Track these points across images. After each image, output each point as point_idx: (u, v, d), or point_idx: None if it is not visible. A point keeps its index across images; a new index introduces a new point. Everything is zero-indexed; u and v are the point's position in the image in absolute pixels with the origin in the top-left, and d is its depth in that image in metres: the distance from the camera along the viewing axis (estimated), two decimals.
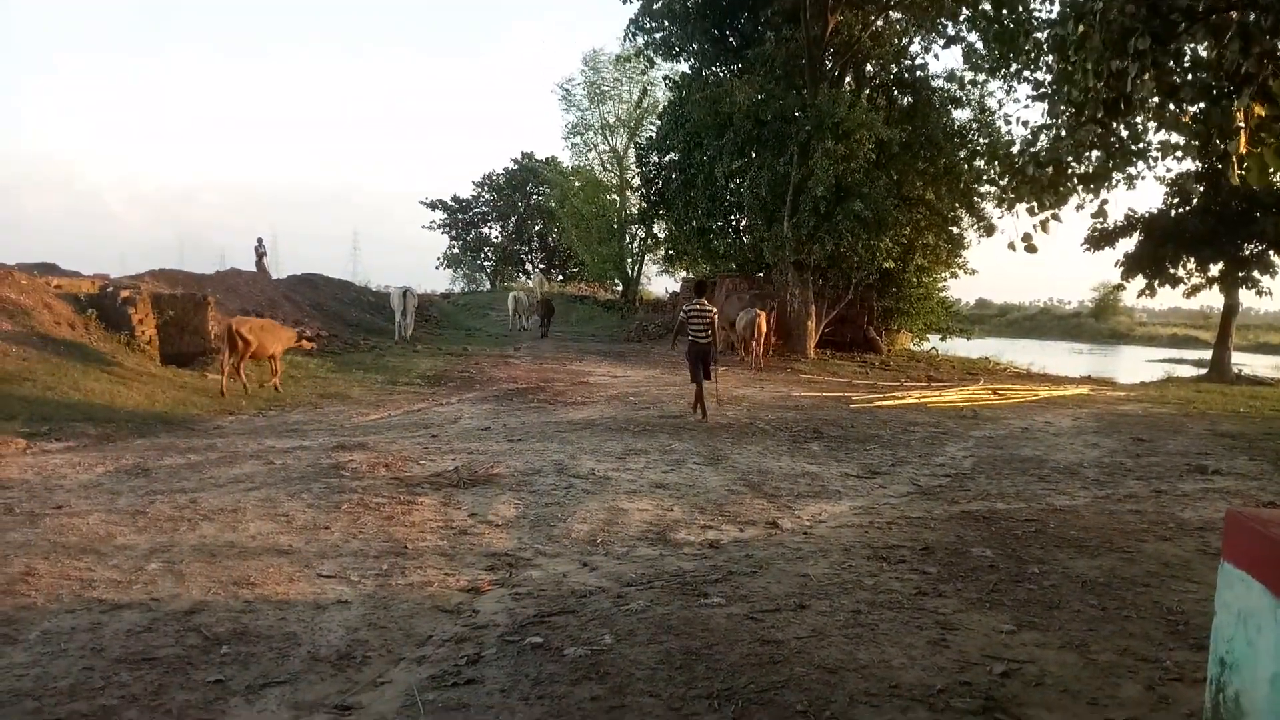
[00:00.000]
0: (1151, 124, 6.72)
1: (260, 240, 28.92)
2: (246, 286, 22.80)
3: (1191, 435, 11.47)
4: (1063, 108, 6.49)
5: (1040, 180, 6.33)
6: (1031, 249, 6.77)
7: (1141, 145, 6.42)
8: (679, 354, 13.54)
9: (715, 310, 12.61)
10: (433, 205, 55.71)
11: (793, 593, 4.86)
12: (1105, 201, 6.66)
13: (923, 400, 14.90)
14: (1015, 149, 7.06)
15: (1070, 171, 6.46)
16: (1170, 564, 5.58)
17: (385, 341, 22.43)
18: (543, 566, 5.34)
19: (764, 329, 19.86)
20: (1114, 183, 6.56)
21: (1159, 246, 23.23)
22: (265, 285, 24.43)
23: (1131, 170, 6.23)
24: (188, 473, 7.63)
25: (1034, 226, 6.67)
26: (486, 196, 55.58)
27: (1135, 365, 35.26)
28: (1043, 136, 6.80)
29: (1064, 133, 6.52)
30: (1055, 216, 6.60)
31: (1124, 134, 6.71)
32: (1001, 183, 6.94)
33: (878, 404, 14.23)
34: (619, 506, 6.82)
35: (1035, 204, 6.54)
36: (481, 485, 7.40)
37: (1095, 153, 6.39)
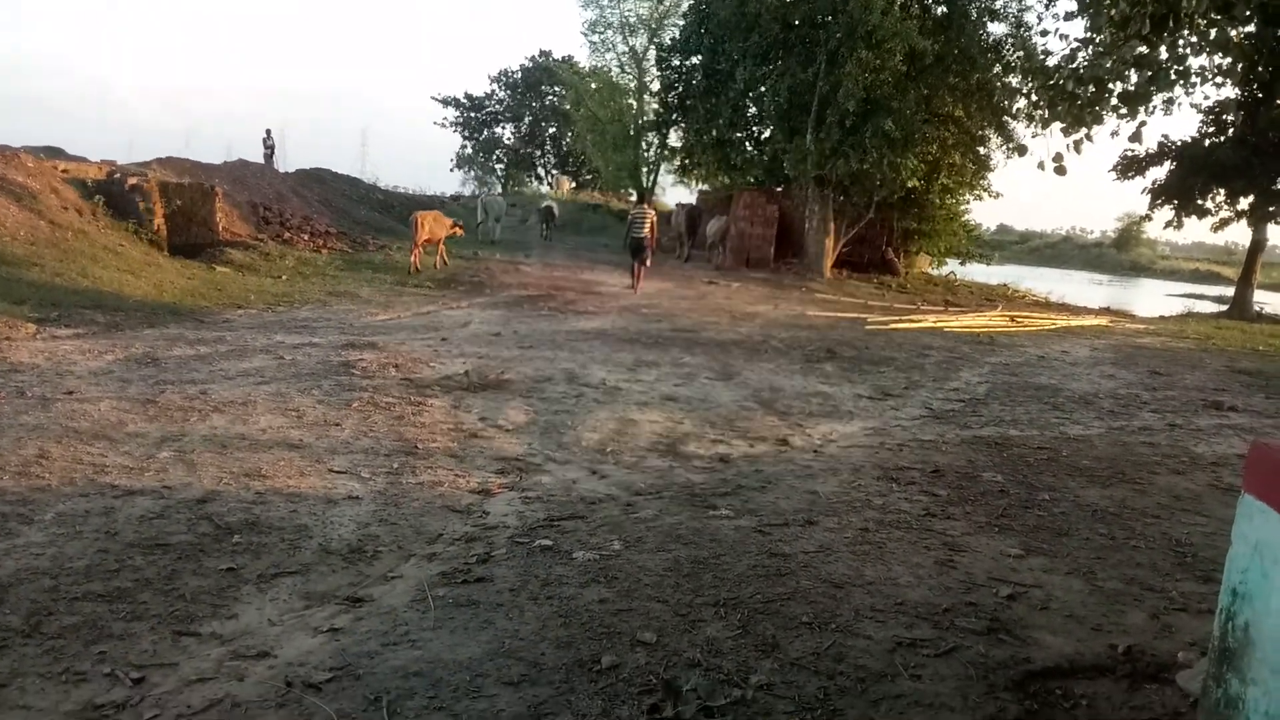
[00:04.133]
0: (1198, 44, 6.40)
1: (269, 132, 28.46)
2: (254, 178, 22.52)
3: (1209, 371, 11.37)
4: (1106, 22, 6.18)
5: (1079, 98, 6.07)
6: (1061, 170, 6.55)
7: (1184, 67, 6.11)
8: (625, 247, 18.35)
9: (654, 214, 18.16)
10: (445, 102, 54.45)
11: (801, 509, 4.86)
12: (1144, 123, 6.40)
13: (939, 324, 14.77)
14: (1053, 64, 6.76)
15: (1110, 91, 6.20)
16: (1181, 497, 5.57)
17: (395, 241, 22.25)
18: (552, 472, 5.35)
19: (730, 233, 24.54)
20: (1153, 106, 6.30)
21: (1189, 176, 22.68)
22: (273, 178, 24.14)
23: (1172, 93, 5.97)
24: (197, 364, 7.63)
25: (1067, 146, 6.44)
26: (500, 95, 54.24)
27: (1155, 298, 34.92)
28: (1082, 53, 6.50)
29: (1105, 49, 6.23)
30: (1089, 137, 6.36)
31: (1164, 55, 6.40)
32: (1036, 99, 6.66)
33: (893, 326, 14.10)
34: (629, 417, 6.81)
35: (1071, 122, 6.29)
36: (492, 390, 7.39)
37: (1136, 72, 6.11)
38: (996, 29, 22.89)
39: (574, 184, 48.55)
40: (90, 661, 2.92)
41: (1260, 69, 18.40)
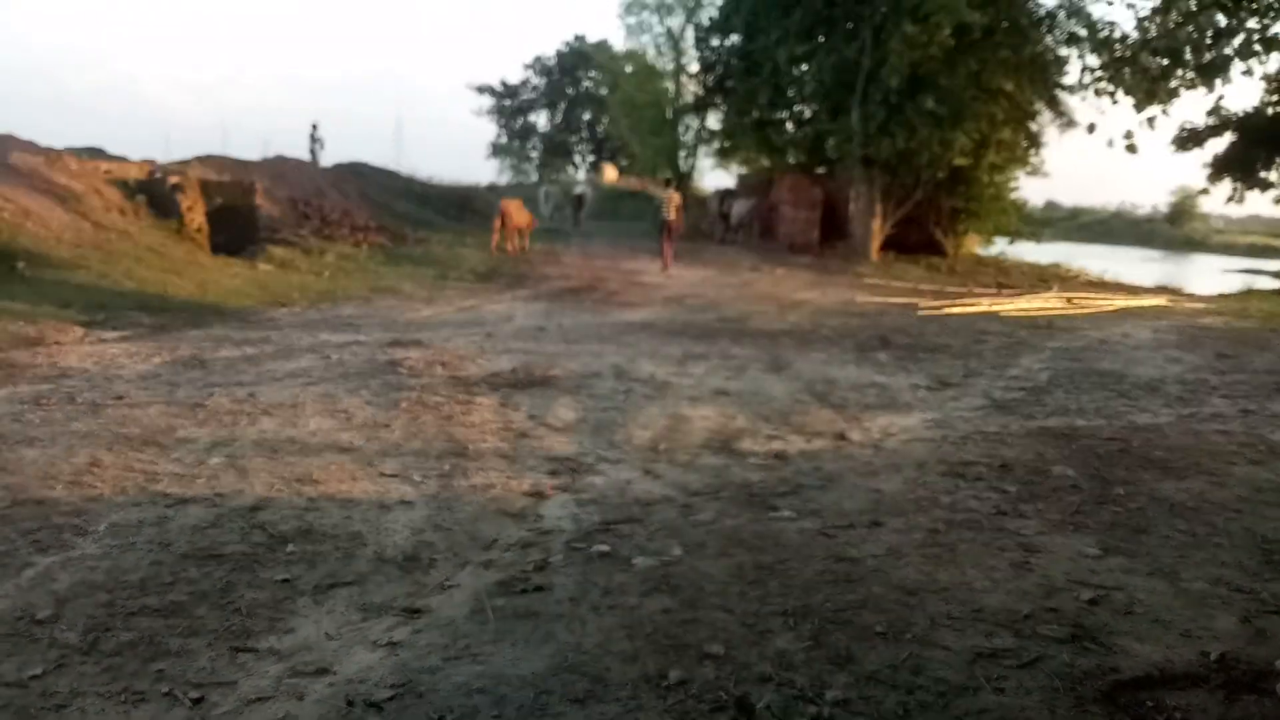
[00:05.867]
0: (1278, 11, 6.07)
1: (315, 126, 28.63)
2: (294, 174, 22.64)
3: (1278, 352, 10.93)
4: None
5: (1152, 71, 5.77)
6: (1133, 148, 6.24)
7: (1269, 35, 5.77)
8: (657, 226, 19.89)
9: (680, 197, 19.78)
10: (480, 90, 54.60)
11: (865, 509, 4.69)
12: (1221, 96, 6.12)
13: (993, 308, 14.41)
14: (1119, 35, 6.44)
15: (1185, 63, 5.89)
16: (1262, 489, 5.29)
17: (434, 234, 22.29)
18: (605, 473, 5.23)
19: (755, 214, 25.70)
20: (1229, 77, 5.97)
21: (1251, 148, 21.86)
22: (312, 173, 24.28)
23: (1250, 63, 5.60)
24: (244, 365, 7.65)
25: (1139, 123, 6.14)
26: (535, 82, 54.21)
27: (1212, 275, 33.81)
28: (1152, 24, 6.17)
29: (1183, 19, 5.93)
30: (1165, 112, 6.06)
31: (1247, 24, 6.07)
32: (1101, 72, 6.35)
33: (946, 311, 13.78)
34: (680, 413, 6.67)
35: (1143, 97, 5.99)
36: (539, 387, 7.30)
37: (1215, 42, 5.80)
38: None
39: (618, 172, 48.29)
40: (149, 680, 2.86)
41: None
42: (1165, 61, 5.45)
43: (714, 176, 45.72)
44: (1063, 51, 20.80)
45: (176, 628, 3.19)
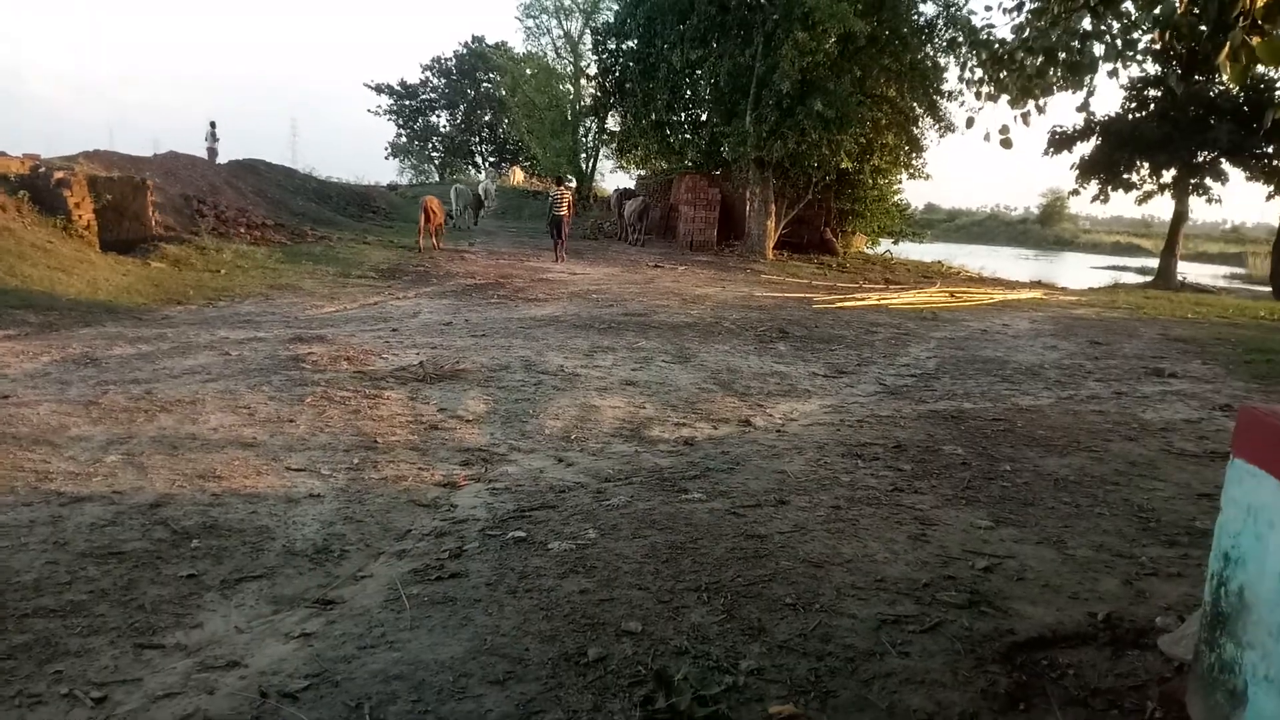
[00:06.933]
0: (1140, 19, 6.50)
1: (213, 124, 27.56)
2: (186, 171, 21.73)
3: (1145, 339, 11.70)
4: None
5: (1028, 70, 6.13)
6: (1007, 143, 6.59)
7: (1131, 38, 6.21)
8: (547, 226, 21.20)
9: (572, 195, 21.59)
10: (378, 89, 53.27)
11: (771, 489, 4.84)
12: (1091, 93, 6.50)
13: (883, 302, 14.97)
14: (999, 35, 6.78)
15: (1058, 61, 6.26)
16: (1137, 463, 5.69)
17: (334, 233, 21.73)
18: (518, 462, 5.24)
19: (646, 214, 26.13)
20: (1095, 79, 6.40)
21: (1115, 150, 23.39)
22: (206, 170, 23.33)
23: (1116, 65, 6.01)
24: (140, 363, 7.32)
25: (1015, 119, 6.50)
26: (435, 82, 53.23)
27: (1081, 271, 35.98)
28: (1031, 24, 6.55)
29: (1054, 20, 6.30)
30: (1039, 109, 6.43)
31: (1113, 27, 6.50)
32: (980, 73, 6.69)
33: (839, 305, 14.25)
34: (590, 403, 6.72)
35: (1019, 95, 6.35)
36: (448, 380, 7.22)
37: (1083, 43, 6.19)
38: (928, 9, 23.18)
39: (503, 171, 47.71)
40: (45, 682, 2.74)
41: (1179, 46, 19.02)
42: (1041, 59, 5.81)
43: (614, 178, 45.91)
44: (941, 60, 21.81)
45: (75, 627, 3.07)
